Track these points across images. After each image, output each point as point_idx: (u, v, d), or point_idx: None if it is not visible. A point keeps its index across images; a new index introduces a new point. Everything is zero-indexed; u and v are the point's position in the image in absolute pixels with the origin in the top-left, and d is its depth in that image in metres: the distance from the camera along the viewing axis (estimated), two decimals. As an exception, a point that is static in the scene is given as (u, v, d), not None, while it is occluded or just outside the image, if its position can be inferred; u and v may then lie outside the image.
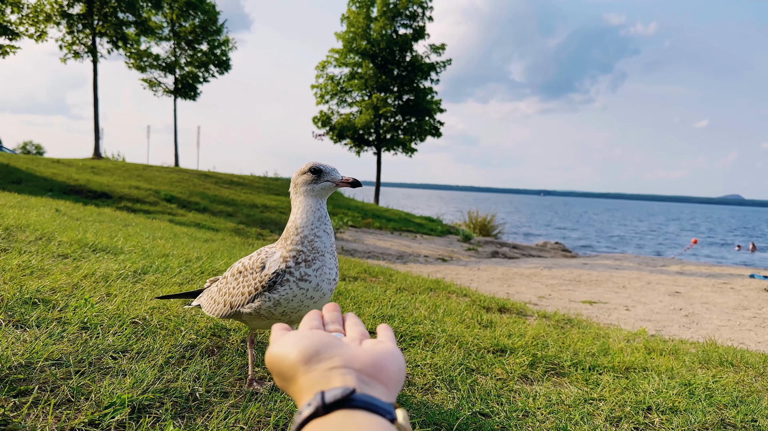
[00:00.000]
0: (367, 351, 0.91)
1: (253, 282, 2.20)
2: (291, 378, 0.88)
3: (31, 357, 2.12)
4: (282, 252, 2.16)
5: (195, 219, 16.05)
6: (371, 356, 0.90)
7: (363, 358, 0.89)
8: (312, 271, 2.12)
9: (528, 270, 14.07)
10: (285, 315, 2.18)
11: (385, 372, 0.88)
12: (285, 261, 2.13)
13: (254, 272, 2.22)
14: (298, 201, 2.19)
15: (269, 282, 2.14)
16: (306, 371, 0.86)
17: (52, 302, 2.95)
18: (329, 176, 2.13)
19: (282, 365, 0.90)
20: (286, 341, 0.92)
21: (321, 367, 0.86)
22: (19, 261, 3.87)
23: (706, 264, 20.15)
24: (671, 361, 4.12)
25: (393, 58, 35.43)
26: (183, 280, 4.38)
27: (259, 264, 2.22)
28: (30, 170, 20.16)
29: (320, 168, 2.13)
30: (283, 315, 2.18)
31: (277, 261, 2.15)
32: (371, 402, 0.77)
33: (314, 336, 0.92)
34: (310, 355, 0.88)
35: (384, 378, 0.87)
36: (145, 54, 34.56)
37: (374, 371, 0.87)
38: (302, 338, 0.92)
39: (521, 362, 3.50)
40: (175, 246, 6.74)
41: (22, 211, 7.48)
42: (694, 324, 7.94)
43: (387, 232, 22.66)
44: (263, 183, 32.07)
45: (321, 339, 0.91)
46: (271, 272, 2.14)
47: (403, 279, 7.11)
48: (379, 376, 0.87)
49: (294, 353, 0.89)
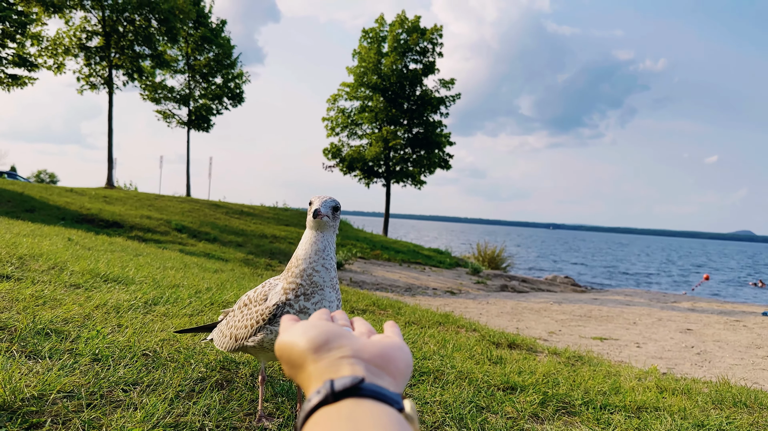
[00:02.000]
0: (375, 343, 0.92)
1: (256, 315, 2.21)
2: (300, 366, 0.89)
3: (43, 389, 2.14)
4: (283, 284, 2.18)
5: (205, 249, 16.12)
6: (380, 348, 0.90)
7: (372, 349, 0.89)
8: (311, 305, 2.13)
9: (537, 305, 13.95)
10: None
11: (394, 364, 0.88)
12: (285, 293, 2.15)
13: (258, 304, 2.24)
14: (306, 231, 2.22)
15: (270, 315, 2.15)
16: (315, 359, 0.87)
17: (64, 333, 2.98)
18: (312, 206, 2.14)
19: (291, 353, 0.91)
20: (296, 330, 0.93)
21: (330, 356, 0.86)
22: (32, 291, 3.91)
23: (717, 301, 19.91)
24: (684, 401, 4.05)
25: (403, 92, 35.90)
26: (193, 311, 4.39)
27: (262, 297, 2.24)
28: (44, 199, 20.42)
29: (312, 200, 2.16)
30: None
31: (278, 293, 2.17)
32: (380, 391, 0.78)
33: (324, 326, 0.93)
34: (320, 344, 0.88)
35: (392, 369, 0.88)
36: (160, 86, 35.23)
37: (383, 362, 0.87)
38: (312, 327, 0.93)
39: (532, 400, 3.46)
40: (185, 276, 6.78)
41: (35, 239, 7.57)
42: (707, 363, 7.82)
43: (395, 264, 22.61)
44: (273, 213, 32.23)
45: (331, 329, 0.92)
46: (272, 304, 2.16)
47: (411, 313, 7.08)
48: (387, 368, 0.87)
49: (303, 341, 0.90)
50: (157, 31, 30.32)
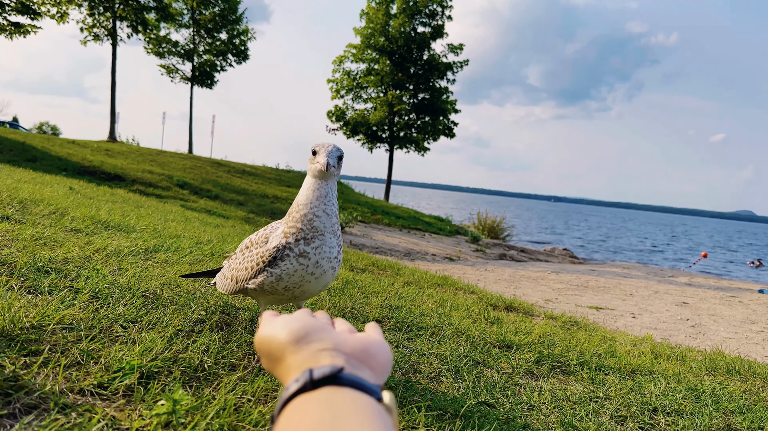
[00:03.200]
0: (357, 337, 0.92)
1: (256, 257, 2.20)
2: (279, 358, 0.89)
3: (42, 320, 2.14)
4: (284, 227, 2.16)
5: (206, 206, 16.12)
6: (361, 342, 0.91)
7: (353, 343, 0.90)
8: (311, 249, 2.11)
9: (535, 274, 14.02)
10: (288, 290, 2.18)
11: (374, 359, 0.89)
12: (285, 236, 2.13)
13: (259, 247, 2.23)
14: (305, 179, 2.20)
15: (270, 258, 2.14)
16: (295, 351, 0.87)
17: (64, 271, 2.97)
18: (318, 157, 2.10)
19: (270, 345, 0.90)
20: (276, 323, 0.93)
21: (310, 348, 0.86)
22: (32, 232, 3.90)
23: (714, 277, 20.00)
24: (678, 367, 4.09)
25: (410, 56, 35.39)
26: (194, 260, 4.40)
27: (263, 239, 2.23)
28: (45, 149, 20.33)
29: (315, 149, 2.12)
30: (286, 290, 2.18)
31: (279, 236, 2.15)
32: (359, 381, 0.77)
33: (305, 319, 0.93)
34: (300, 336, 0.88)
35: (372, 364, 0.88)
36: (164, 40, 34.74)
37: (363, 356, 0.88)
38: (293, 320, 0.93)
39: (527, 358, 3.48)
40: (186, 228, 6.78)
41: (36, 186, 7.54)
42: (701, 335, 7.88)
43: (396, 229, 22.65)
44: (275, 174, 32.15)
45: (312, 323, 0.92)
46: (272, 247, 2.15)
47: (411, 274, 7.10)
48: (368, 362, 0.88)
49: (284, 334, 0.89)
50: (163, -17, 29.80)
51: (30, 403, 1.61)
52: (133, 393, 1.81)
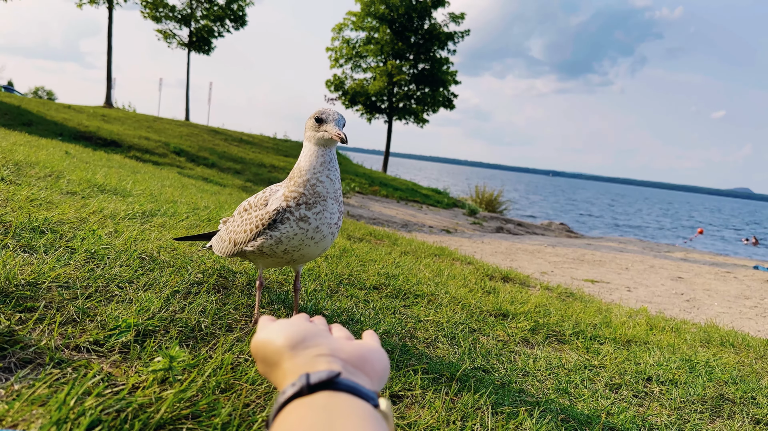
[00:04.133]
0: (353, 344, 0.92)
1: (256, 220, 2.18)
2: (275, 363, 0.88)
3: (37, 277, 2.12)
4: (285, 191, 2.14)
5: (203, 174, 16.05)
6: (357, 348, 0.91)
7: (349, 350, 0.89)
8: (312, 214, 2.10)
9: (532, 247, 14.06)
10: (287, 253, 2.17)
11: (370, 365, 0.89)
12: (286, 200, 2.11)
13: (258, 209, 2.20)
14: (305, 145, 2.17)
15: (270, 220, 2.12)
16: (292, 356, 0.86)
17: (59, 232, 2.95)
18: (327, 126, 2.08)
19: (266, 350, 0.90)
20: (273, 328, 0.92)
21: (307, 353, 0.86)
22: (27, 193, 3.86)
23: (710, 253, 20.10)
24: (672, 338, 4.12)
25: (411, 25, 34.90)
26: (190, 225, 4.37)
27: (263, 202, 2.20)
28: (41, 113, 20.12)
29: (322, 117, 2.09)
30: (285, 253, 2.17)
31: (279, 199, 2.13)
32: (356, 386, 0.77)
33: (302, 324, 0.93)
34: (297, 341, 0.88)
35: (369, 370, 0.88)
36: (161, 4, 34.13)
37: (360, 363, 0.88)
38: (289, 325, 0.92)
39: (523, 326, 3.50)
40: (183, 195, 6.74)
41: (32, 149, 7.47)
42: (695, 309, 7.94)
43: (393, 201, 22.63)
44: (272, 143, 31.95)
45: (308, 328, 0.92)
46: (272, 209, 2.12)
47: (408, 244, 7.11)
48: (364, 368, 0.87)
49: (280, 339, 0.89)
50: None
51: (26, 358, 1.60)
52: (130, 350, 1.80)
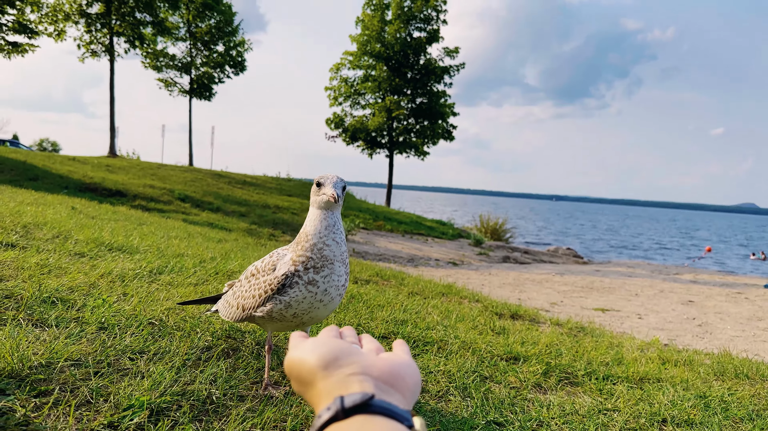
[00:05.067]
0: (384, 360, 0.92)
1: (264, 285, 2.22)
2: (309, 383, 0.89)
3: (51, 357, 2.15)
4: (292, 255, 2.19)
5: (208, 219, 16.14)
6: (389, 365, 0.91)
7: (381, 366, 0.90)
8: (320, 277, 2.14)
9: (539, 276, 14.00)
10: (297, 317, 2.21)
11: (402, 382, 0.89)
12: (294, 264, 2.15)
13: (266, 274, 2.24)
14: (310, 210, 2.24)
15: (279, 285, 2.16)
16: (325, 376, 0.87)
17: (70, 301, 2.99)
18: (325, 188, 2.15)
19: (301, 370, 0.91)
20: (306, 347, 0.94)
21: (340, 373, 0.87)
22: (37, 260, 3.92)
23: (719, 273, 19.95)
24: (686, 372, 4.08)
25: (407, 61, 35.46)
26: (198, 281, 4.41)
27: (270, 267, 2.24)
28: (46, 167, 20.39)
29: (321, 181, 2.17)
30: (294, 317, 2.20)
31: (287, 264, 2.17)
32: (390, 408, 0.78)
33: (333, 343, 0.93)
34: (329, 361, 0.89)
35: (401, 386, 0.88)
36: (162, 54, 34.83)
37: (391, 379, 0.88)
38: (321, 344, 0.93)
39: (535, 370, 3.48)
40: (190, 246, 6.79)
41: (39, 208, 7.57)
42: (708, 334, 7.86)
43: (398, 235, 22.65)
44: (276, 183, 32.18)
45: (340, 346, 0.92)
46: (280, 274, 2.16)
47: (415, 283, 7.11)
48: (396, 385, 0.88)
49: (313, 358, 0.90)
50: (158, -3, 29.88)
51: (42, 447, 1.62)
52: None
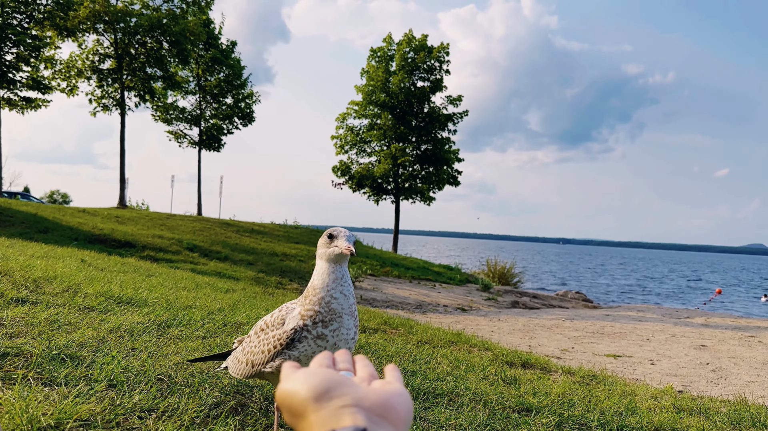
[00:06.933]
0: (376, 391, 0.92)
1: (273, 340, 2.22)
2: (301, 415, 0.90)
3: (60, 417, 2.15)
4: (300, 309, 2.20)
5: (216, 268, 16.17)
6: (381, 396, 0.91)
7: (373, 398, 0.90)
8: (329, 331, 2.15)
9: (549, 322, 13.84)
10: None
11: (395, 413, 0.89)
12: (303, 318, 2.16)
13: (275, 329, 2.25)
14: (318, 263, 2.26)
15: (288, 340, 2.16)
16: (316, 408, 0.88)
17: (79, 358, 2.99)
18: (338, 241, 2.18)
19: (292, 401, 0.91)
20: (297, 378, 0.94)
21: (331, 405, 0.87)
22: (47, 315, 3.94)
23: (731, 316, 19.65)
24: (702, 421, 4.00)
25: (411, 110, 36.08)
26: (206, 334, 4.41)
27: (279, 321, 2.25)
28: (57, 219, 20.60)
29: (333, 234, 2.20)
30: None
31: (296, 318, 2.18)
32: None
33: (325, 374, 0.94)
34: (321, 393, 0.89)
35: (393, 417, 0.88)
36: (171, 107, 35.62)
37: (383, 411, 0.88)
38: (313, 375, 0.93)
39: (548, 422, 3.43)
40: (197, 297, 6.80)
41: (49, 261, 7.63)
42: (723, 380, 7.70)
43: (406, 281, 22.55)
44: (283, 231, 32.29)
45: (332, 377, 0.93)
46: (289, 329, 2.17)
47: (423, 332, 7.05)
48: (388, 416, 0.88)
49: (304, 390, 0.90)
50: (169, 53, 30.71)
51: None
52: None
